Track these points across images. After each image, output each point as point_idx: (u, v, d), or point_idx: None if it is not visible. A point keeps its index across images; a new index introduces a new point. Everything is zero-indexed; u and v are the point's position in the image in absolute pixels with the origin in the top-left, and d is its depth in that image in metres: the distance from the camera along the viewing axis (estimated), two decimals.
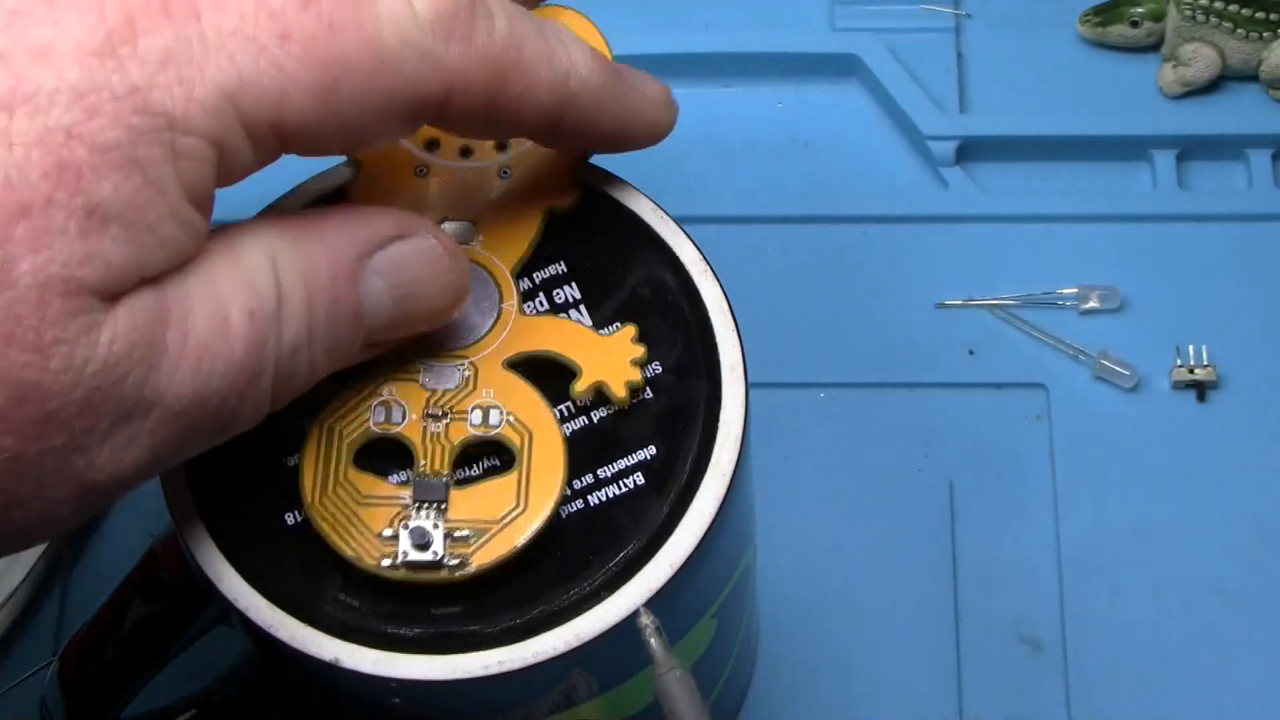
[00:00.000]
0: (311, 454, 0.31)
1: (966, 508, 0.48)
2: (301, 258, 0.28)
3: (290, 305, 0.28)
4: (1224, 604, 0.47)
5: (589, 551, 0.31)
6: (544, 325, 0.32)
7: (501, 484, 0.31)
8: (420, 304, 0.30)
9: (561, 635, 0.30)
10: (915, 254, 0.51)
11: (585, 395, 0.32)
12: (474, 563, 0.30)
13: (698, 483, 0.31)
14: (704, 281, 0.33)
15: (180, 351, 0.26)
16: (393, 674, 0.30)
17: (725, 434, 0.31)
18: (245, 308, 0.27)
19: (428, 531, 0.30)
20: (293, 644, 0.30)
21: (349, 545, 0.30)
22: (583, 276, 0.33)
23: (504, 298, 0.32)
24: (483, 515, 0.31)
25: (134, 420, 0.26)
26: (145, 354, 0.26)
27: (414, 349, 0.31)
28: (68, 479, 0.26)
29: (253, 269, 0.27)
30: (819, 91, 0.54)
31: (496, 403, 0.31)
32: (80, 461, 0.26)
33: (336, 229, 0.29)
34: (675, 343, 0.32)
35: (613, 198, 0.34)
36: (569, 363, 0.32)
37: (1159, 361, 0.49)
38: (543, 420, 0.31)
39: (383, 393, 0.31)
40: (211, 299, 0.27)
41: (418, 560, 0.30)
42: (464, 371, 0.32)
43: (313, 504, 0.30)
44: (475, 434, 0.31)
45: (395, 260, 0.29)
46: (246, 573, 0.31)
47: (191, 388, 0.26)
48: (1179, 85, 0.53)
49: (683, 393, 0.32)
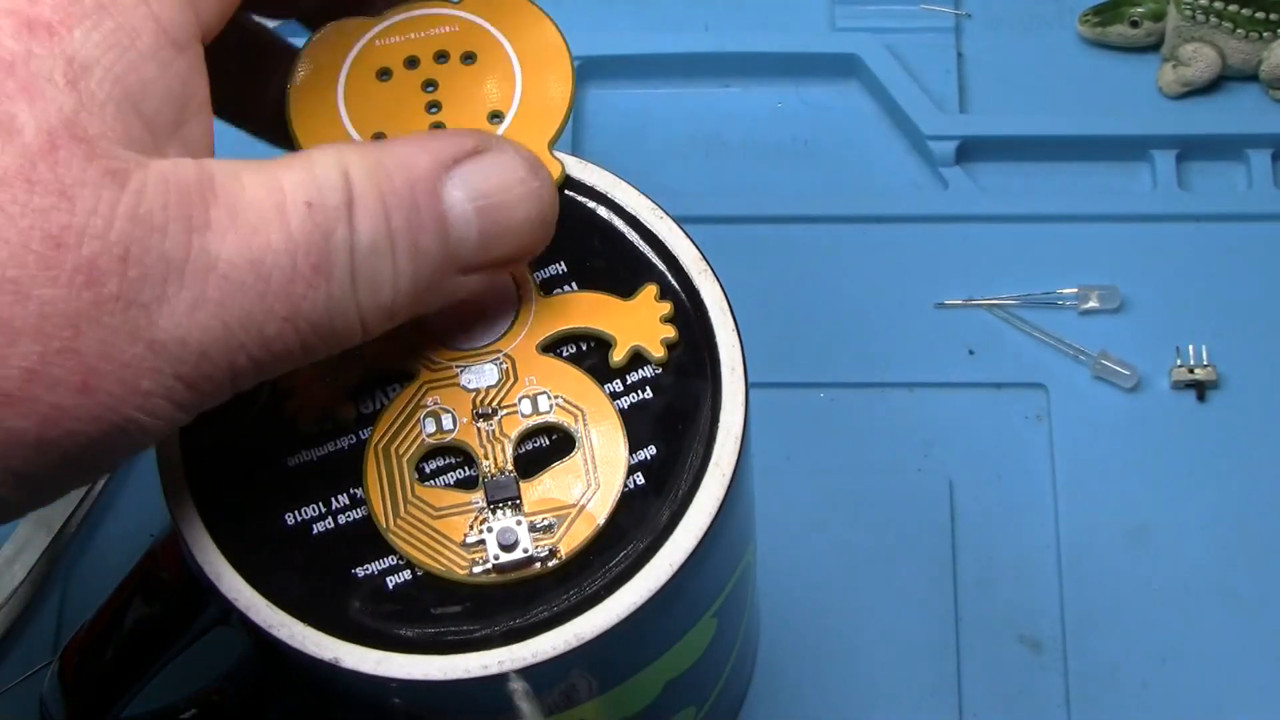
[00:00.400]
0: (374, 480, 0.31)
1: (966, 507, 0.48)
2: (374, 166, 0.28)
3: (363, 205, 0.28)
4: (1224, 604, 0.47)
5: (588, 552, 0.31)
6: (568, 302, 0.32)
7: (568, 467, 0.31)
8: (508, 216, 0.30)
9: (561, 635, 0.30)
10: (915, 254, 0.51)
11: (624, 362, 0.32)
12: (563, 549, 0.30)
13: (698, 483, 0.31)
14: (704, 282, 0.33)
15: (229, 222, 0.27)
16: (393, 674, 0.30)
17: (725, 434, 0.31)
18: (303, 198, 0.27)
19: (513, 530, 0.30)
20: (293, 644, 0.30)
21: (436, 561, 0.30)
22: (582, 276, 0.33)
23: (521, 284, 0.32)
24: (559, 501, 0.31)
25: (191, 282, 0.26)
26: (183, 212, 0.26)
27: (446, 351, 0.32)
28: (131, 335, 0.26)
29: (318, 169, 0.28)
30: (819, 91, 0.54)
31: (542, 388, 0.31)
32: (141, 318, 0.26)
33: (411, 145, 0.29)
34: (675, 344, 0.32)
35: (611, 198, 0.34)
36: (601, 334, 0.32)
37: (1159, 361, 0.49)
38: (591, 395, 0.31)
39: (427, 403, 0.31)
40: (266, 185, 0.27)
41: (508, 561, 0.30)
42: (501, 365, 0.32)
43: (389, 529, 0.31)
44: (530, 424, 0.31)
45: (477, 171, 0.29)
46: (246, 572, 0.31)
47: (245, 258, 0.27)
48: (1179, 85, 0.53)
49: (683, 393, 0.32)
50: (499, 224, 0.30)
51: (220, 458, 0.31)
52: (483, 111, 0.33)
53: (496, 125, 0.32)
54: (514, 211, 0.30)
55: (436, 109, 0.33)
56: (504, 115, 0.32)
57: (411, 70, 0.33)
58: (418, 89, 0.33)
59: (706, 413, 0.32)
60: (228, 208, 0.27)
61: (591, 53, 0.53)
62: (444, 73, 0.33)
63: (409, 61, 0.33)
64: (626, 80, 0.54)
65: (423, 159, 0.29)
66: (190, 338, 0.26)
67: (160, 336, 0.26)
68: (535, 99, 0.32)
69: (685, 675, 0.36)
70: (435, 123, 0.32)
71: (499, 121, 0.32)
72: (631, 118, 0.53)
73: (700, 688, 0.38)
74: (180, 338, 0.26)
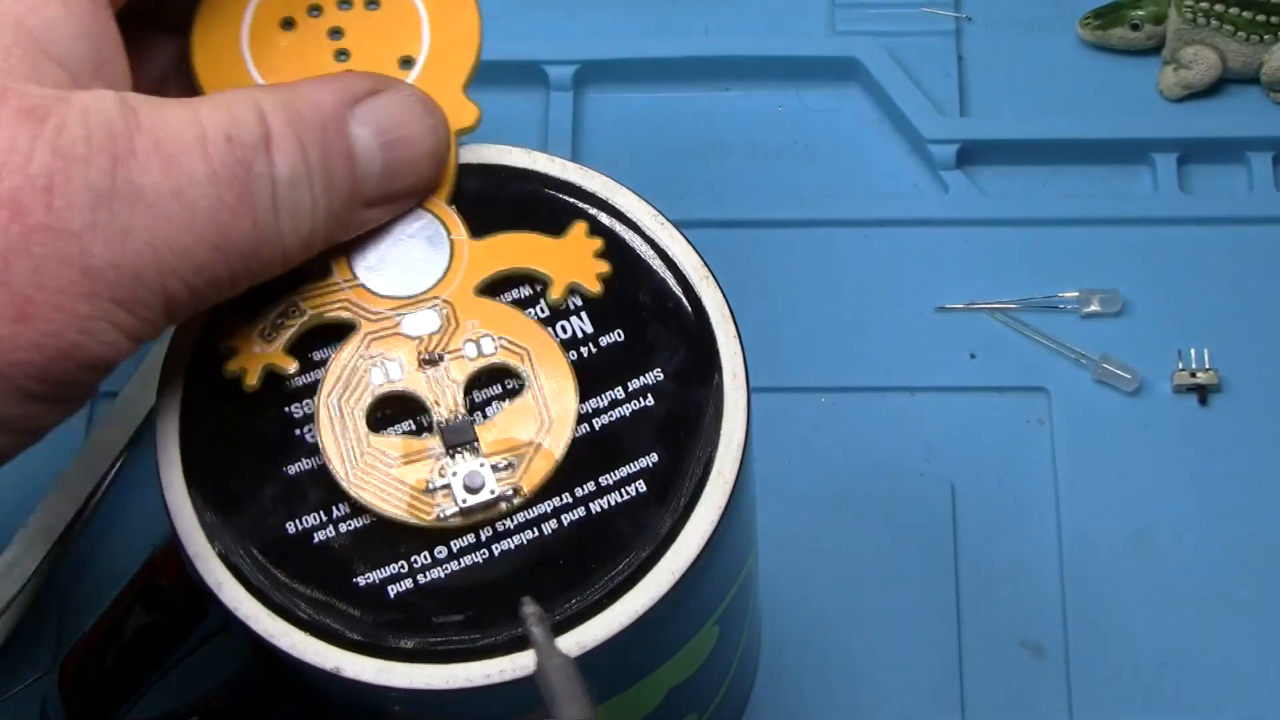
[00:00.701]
0: (329, 436, 0.31)
1: (968, 512, 0.48)
2: (285, 104, 0.30)
3: (279, 140, 0.29)
4: (1226, 608, 0.46)
5: (591, 560, 0.31)
6: (500, 244, 0.32)
7: (520, 405, 0.31)
8: (408, 150, 0.31)
9: (563, 644, 0.30)
10: (916, 257, 0.51)
11: (562, 299, 0.32)
12: (526, 487, 0.30)
13: (700, 490, 0.31)
14: (704, 287, 0.33)
15: (151, 153, 0.28)
16: (394, 683, 0.30)
17: (727, 441, 0.31)
18: (223, 133, 0.29)
19: (479, 473, 0.30)
20: (293, 653, 0.30)
21: (399, 508, 0.30)
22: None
23: (450, 229, 0.33)
24: (516, 441, 0.31)
25: (119, 210, 0.27)
26: (106, 143, 0.27)
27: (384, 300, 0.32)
28: (64, 262, 0.27)
29: (236, 107, 0.29)
30: (819, 95, 0.54)
31: (485, 331, 0.32)
32: (72, 245, 0.27)
33: (317, 86, 0.31)
34: (676, 349, 0.32)
35: (611, 203, 0.33)
36: (536, 273, 0.32)
37: (1160, 365, 0.49)
38: (533, 333, 0.32)
39: (372, 354, 0.31)
40: (187, 119, 0.29)
41: (474, 504, 0.30)
42: (441, 310, 0.32)
43: (350, 481, 0.31)
44: (477, 366, 0.31)
45: (378, 109, 0.31)
46: (247, 581, 0.31)
47: (168, 187, 0.28)
48: (1180, 88, 0.53)
49: (684, 399, 0.32)
50: (400, 158, 0.31)
51: (221, 466, 0.31)
52: (393, 57, 0.33)
53: (408, 72, 0.33)
54: (414, 146, 0.32)
55: (345, 57, 0.33)
56: (415, 60, 0.33)
57: (316, 18, 0.33)
58: (324, 37, 0.33)
59: (708, 419, 0.32)
60: (151, 138, 0.28)
61: (591, 57, 0.53)
62: (349, 19, 0.33)
63: (312, 9, 0.33)
64: (626, 84, 0.54)
65: (329, 98, 0.31)
66: (124, 262, 0.28)
67: (94, 263, 0.27)
68: (444, 41, 0.33)
69: (688, 682, 0.36)
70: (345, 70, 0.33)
71: (410, 67, 0.33)
72: (631, 122, 0.53)
73: (703, 694, 0.38)
74: (114, 262, 0.27)
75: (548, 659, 0.29)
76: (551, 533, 0.31)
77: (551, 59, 0.53)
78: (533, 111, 0.53)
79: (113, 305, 0.28)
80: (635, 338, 0.32)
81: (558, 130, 0.52)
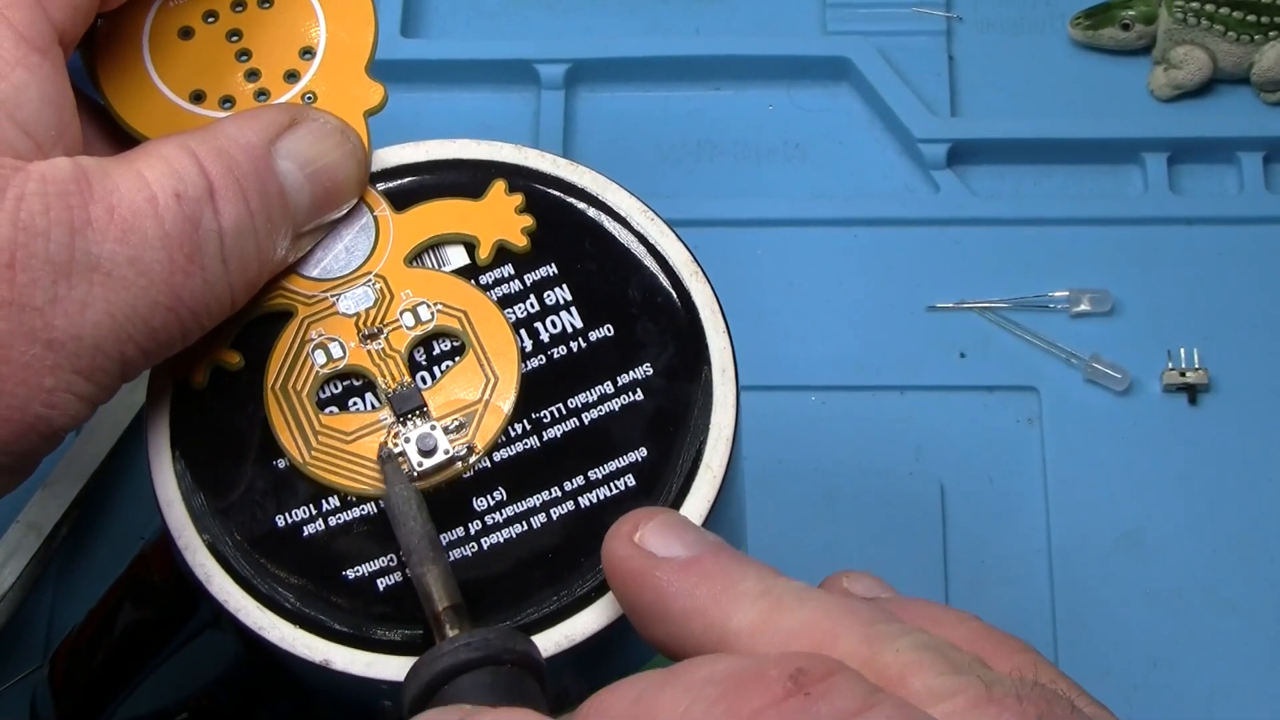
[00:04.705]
0: (279, 421, 0.31)
1: (957, 510, 0.48)
2: (219, 151, 0.30)
3: (222, 189, 0.30)
4: (1214, 607, 0.46)
5: (580, 554, 0.31)
6: (422, 214, 0.33)
7: (464, 366, 0.32)
8: (331, 177, 0.32)
9: (552, 637, 0.30)
10: (906, 257, 0.51)
11: (490, 258, 0.33)
12: (479, 444, 0.31)
13: (689, 485, 0.31)
14: (695, 284, 0.33)
15: (107, 221, 0.28)
16: (383, 676, 0.30)
17: (716, 436, 0.31)
18: (171, 190, 0.29)
19: (431, 436, 0.31)
20: (283, 646, 0.30)
21: (359, 483, 0.31)
22: (573, 279, 0.33)
23: (372, 206, 0.33)
24: (464, 400, 0.31)
25: (78, 282, 0.28)
26: (64, 216, 0.28)
27: (317, 283, 0.32)
28: (28, 337, 0.27)
29: (174, 159, 0.30)
30: (810, 94, 0.54)
31: (420, 299, 0.32)
32: (36, 320, 0.27)
33: (240, 126, 0.31)
34: (666, 345, 0.32)
35: (603, 200, 0.34)
36: (462, 237, 0.33)
37: (1150, 364, 0.49)
38: (468, 295, 0.32)
39: (312, 336, 0.32)
40: (135, 180, 0.29)
41: (431, 466, 0.31)
42: (374, 285, 0.32)
43: (306, 463, 0.31)
44: (417, 334, 0.32)
45: (298, 141, 0.32)
46: (237, 575, 0.31)
47: (125, 255, 0.28)
48: (1170, 88, 0.53)
49: (674, 395, 0.32)
50: (325, 187, 0.32)
51: (210, 460, 0.31)
52: (293, 50, 0.34)
53: (310, 61, 0.33)
54: (336, 173, 0.32)
55: (247, 57, 0.33)
56: (314, 50, 0.33)
57: (211, 24, 0.33)
58: (223, 40, 0.33)
59: (697, 414, 0.32)
60: (105, 204, 0.28)
61: (583, 56, 0.53)
62: (244, 20, 0.34)
63: (207, 15, 0.34)
64: (618, 83, 0.54)
65: (254, 137, 0.31)
66: (84, 334, 0.28)
67: (56, 336, 0.28)
68: (341, 29, 0.34)
69: None
70: (250, 70, 0.33)
71: (311, 57, 0.33)
72: (623, 121, 0.53)
73: None
74: (75, 334, 0.28)
75: (393, 489, 0.30)
76: (540, 526, 0.31)
77: (543, 58, 0.53)
78: (524, 110, 0.53)
79: (74, 376, 0.28)
80: (625, 333, 0.32)
81: (549, 129, 0.52)
